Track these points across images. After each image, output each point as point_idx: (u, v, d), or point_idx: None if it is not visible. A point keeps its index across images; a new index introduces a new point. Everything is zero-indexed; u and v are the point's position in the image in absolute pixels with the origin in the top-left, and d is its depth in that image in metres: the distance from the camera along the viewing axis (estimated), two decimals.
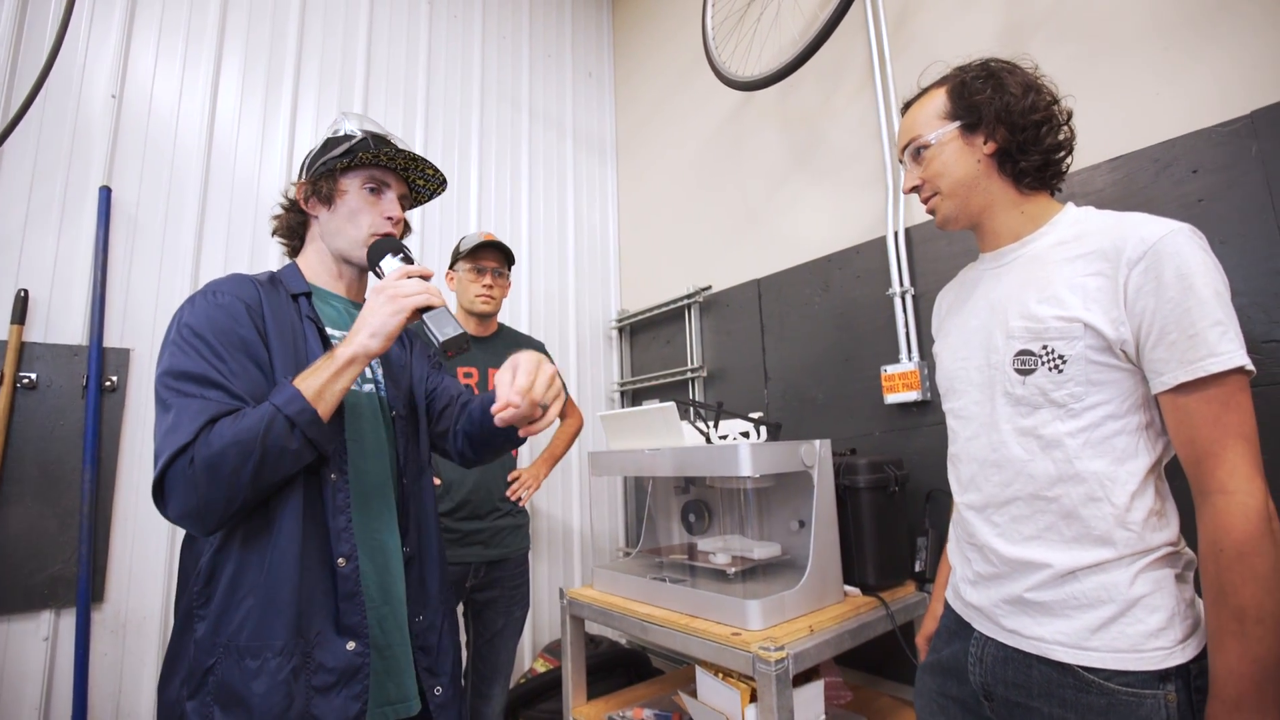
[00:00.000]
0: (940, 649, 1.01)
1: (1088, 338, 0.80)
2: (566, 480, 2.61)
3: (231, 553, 0.86)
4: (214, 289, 0.93)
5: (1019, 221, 0.94)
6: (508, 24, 2.77)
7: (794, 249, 2.12)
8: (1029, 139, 0.91)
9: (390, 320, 0.88)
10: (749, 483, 1.52)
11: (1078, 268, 0.83)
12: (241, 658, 0.82)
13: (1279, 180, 1.18)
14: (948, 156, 0.95)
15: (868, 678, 1.74)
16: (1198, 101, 1.29)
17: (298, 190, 1.07)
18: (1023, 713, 0.85)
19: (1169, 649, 0.75)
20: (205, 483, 0.79)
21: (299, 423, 0.83)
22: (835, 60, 2.02)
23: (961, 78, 0.96)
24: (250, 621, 0.83)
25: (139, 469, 1.72)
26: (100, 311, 1.69)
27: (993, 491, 0.90)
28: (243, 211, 1.99)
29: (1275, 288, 1.17)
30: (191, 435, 0.79)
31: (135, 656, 1.66)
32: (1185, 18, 1.32)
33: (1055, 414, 0.83)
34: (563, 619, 1.68)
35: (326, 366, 0.87)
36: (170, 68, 1.93)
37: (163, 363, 0.86)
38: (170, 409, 0.82)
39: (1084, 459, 0.81)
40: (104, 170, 1.77)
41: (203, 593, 0.85)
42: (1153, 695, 0.75)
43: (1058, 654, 0.81)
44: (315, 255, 1.08)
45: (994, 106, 0.91)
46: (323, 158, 1.04)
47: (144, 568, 1.69)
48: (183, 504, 0.79)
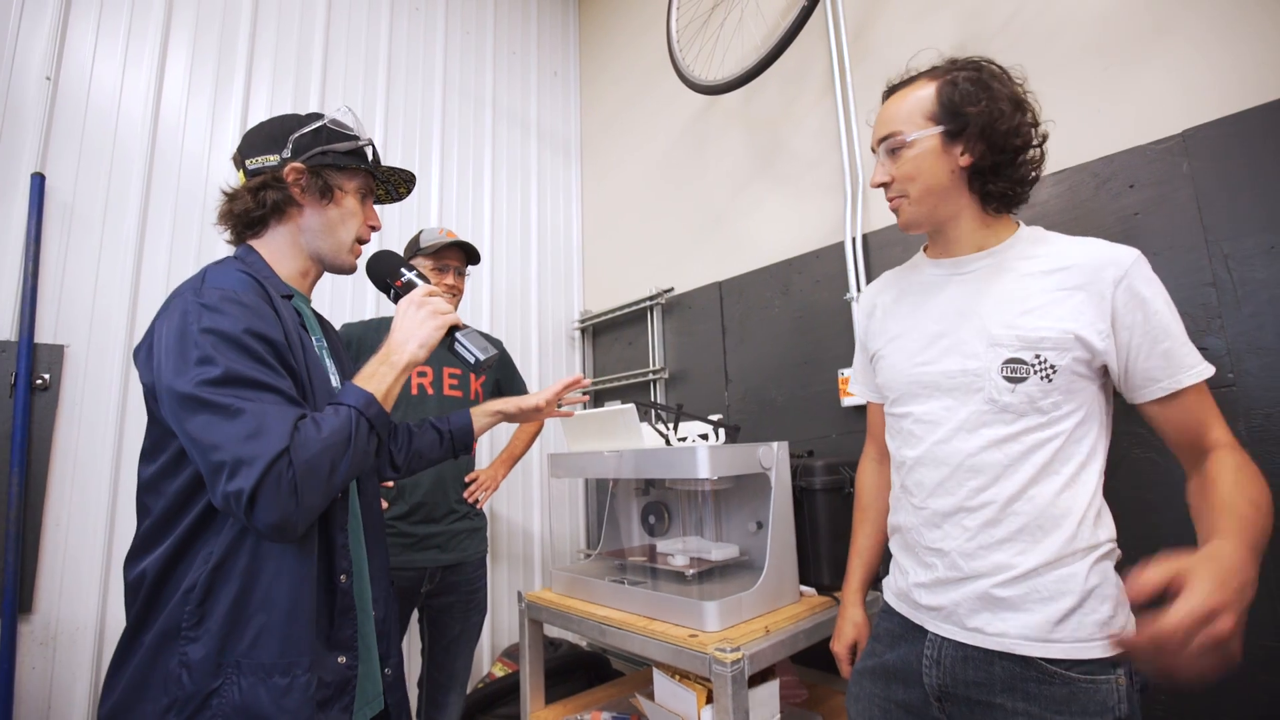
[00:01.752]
0: (882, 654, 1.02)
1: (1076, 349, 0.86)
2: (526, 482, 2.58)
3: (236, 568, 0.80)
4: (233, 294, 0.84)
5: (982, 235, 0.97)
6: (471, 20, 2.73)
7: (755, 252, 2.15)
8: (1005, 162, 0.92)
9: (435, 334, 0.94)
10: (707, 485, 1.53)
11: (1055, 281, 0.88)
12: (268, 675, 0.78)
13: (1207, 197, 1.25)
14: (923, 160, 0.93)
15: (823, 675, 1.77)
16: (1134, 120, 1.36)
17: (288, 171, 0.95)
18: (984, 710, 0.87)
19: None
20: (305, 488, 0.75)
21: (376, 425, 0.85)
22: (797, 68, 2.06)
23: (953, 78, 0.93)
24: (271, 638, 0.79)
25: (73, 472, 1.64)
26: (31, 305, 1.60)
27: (965, 497, 0.91)
28: (189, 203, 1.91)
29: (1203, 298, 1.23)
30: (286, 439, 0.75)
31: (66, 670, 1.58)
32: (1122, 39, 1.38)
33: (1038, 421, 0.87)
34: (521, 622, 1.67)
35: (387, 372, 0.89)
36: (111, 50, 1.84)
37: (195, 369, 0.77)
38: (241, 413, 0.75)
39: (1057, 462, 0.87)
40: (37, 156, 1.67)
41: (195, 611, 0.78)
42: (1107, 680, 0.80)
43: (1021, 648, 0.84)
44: (286, 249, 0.99)
45: (981, 120, 0.90)
46: (322, 146, 0.97)
47: (76, 577, 1.61)
48: (279, 511, 0.74)
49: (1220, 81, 1.25)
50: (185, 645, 0.78)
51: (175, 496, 0.82)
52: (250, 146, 0.98)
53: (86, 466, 1.66)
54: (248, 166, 0.97)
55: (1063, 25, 1.48)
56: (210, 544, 0.81)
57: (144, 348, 0.86)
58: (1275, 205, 1.17)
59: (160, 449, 0.85)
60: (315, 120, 0.99)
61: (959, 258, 0.98)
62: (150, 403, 0.86)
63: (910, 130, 0.94)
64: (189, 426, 0.76)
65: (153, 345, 0.84)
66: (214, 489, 0.75)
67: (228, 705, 0.77)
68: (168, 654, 0.78)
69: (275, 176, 0.95)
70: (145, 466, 0.86)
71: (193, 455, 0.78)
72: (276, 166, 0.95)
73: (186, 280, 0.89)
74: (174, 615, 0.79)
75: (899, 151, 0.96)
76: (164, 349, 0.80)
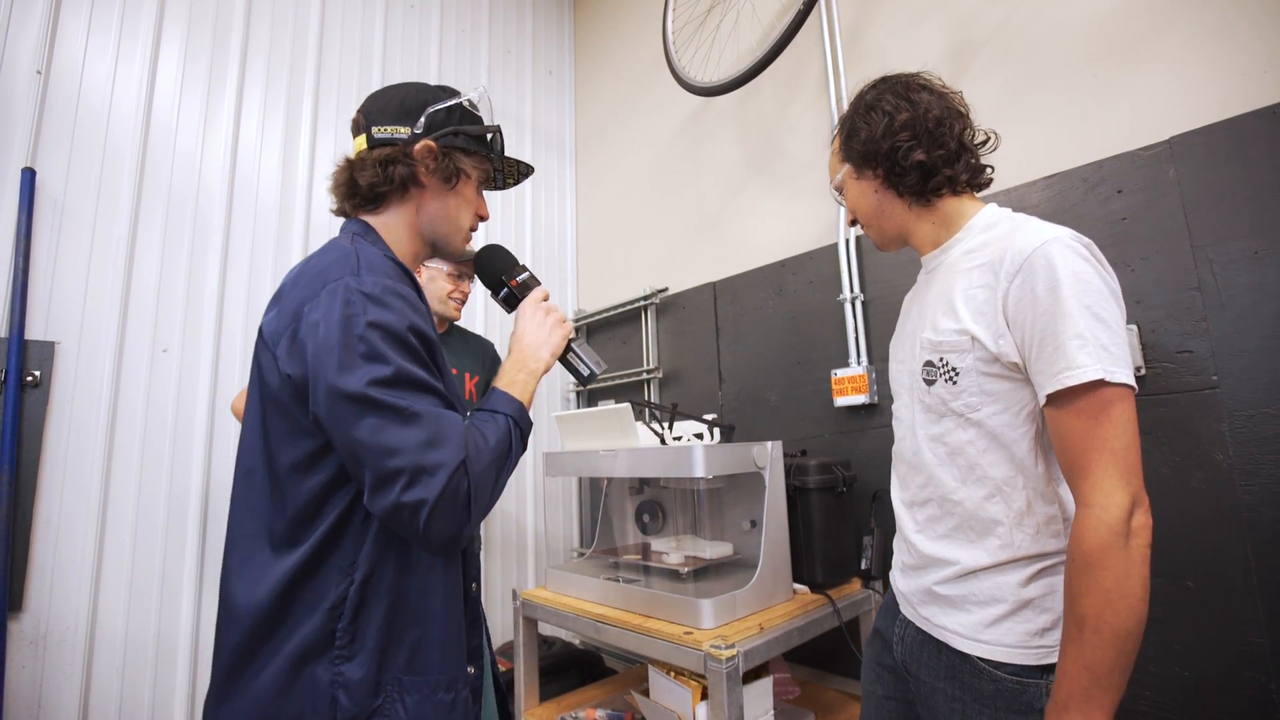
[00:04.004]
0: (880, 621, 1.08)
1: (976, 350, 0.83)
2: (520, 480, 2.58)
3: (384, 582, 0.76)
4: (394, 286, 0.77)
5: (933, 231, 0.98)
6: (466, 18, 2.73)
7: (749, 253, 2.16)
8: (897, 163, 0.94)
9: (561, 343, 0.94)
10: (702, 484, 1.54)
11: (973, 278, 0.86)
12: (433, 692, 0.76)
13: (1193, 202, 1.27)
14: (852, 196, 1.03)
15: (815, 673, 1.79)
16: (1122, 126, 1.38)
17: (420, 148, 0.86)
18: (929, 691, 0.91)
19: (1050, 648, 0.80)
20: (476, 500, 0.73)
21: (525, 434, 0.84)
22: (792, 70, 2.07)
23: (848, 115, 1.01)
24: (430, 653, 0.77)
25: (63, 469, 1.63)
26: (21, 301, 1.59)
27: (914, 491, 0.96)
28: (182, 199, 1.90)
29: (1189, 302, 1.26)
30: (464, 449, 0.72)
31: (57, 670, 1.56)
32: (1111, 46, 1.41)
33: (957, 423, 0.87)
34: (515, 620, 1.67)
35: (527, 380, 0.89)
36: (104, 44, 1.82)
37: (364, 367, 0.71)
38: (417, 418, 0.71)
39: (982, 466, 0.85)
40: (27, 151, 1.66)
41: (348, 629, 0.73)
42: (1034, 684, 0.81)
43: (956, 643, 0.87)
44: (404, 230, 0.90)
45: (862, 146, 0.96)
46: (455, 126, 0.89)
47: (67, 576, 1.60)
48: (456, 524, 0.70)
49: (1207, 89, 1.28)
50: (340, 664, 0.73)
51: (311, 498, 0.75)
52: (380, 113, 0.88)
53: (77, 464, 1.65)
54: (373, 134, 0.87)
55: (1053, 32, 1.50)
56: (347, 555, 0.75)
57: (285, 335, 0.76)
58: (1259, 211, 1.20)
59: (298, 443, 0.76)
60: (450, 96, 0.91)
61: (925, 257, 1.01)
62: (284, 393, 0.76)
63: (833, 176, 1.06)
64: (357, 429, 0.69)
65: (298, 332, 0.74)
66: (383, 496, 0.69)
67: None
68: (311, 673, 0.73)
69: (405, 152, 0.86)
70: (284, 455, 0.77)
71: (355, 458, 0.71)
72: (407, 141, 0.87)
73: (328, 257, 0.80)
74: (318, 632, 0.73)
75: (841, 194, 1.06)
76: (322, 340, 0.72)
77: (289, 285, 0.80)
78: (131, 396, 1.75)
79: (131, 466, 1.73)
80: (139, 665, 1.67)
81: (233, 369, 1.92)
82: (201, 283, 1.91)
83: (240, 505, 0.80)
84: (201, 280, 1.91)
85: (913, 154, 0.92)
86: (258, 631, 0.74)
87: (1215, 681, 1.18)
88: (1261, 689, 1.13)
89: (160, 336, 1.82)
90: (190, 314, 1.87)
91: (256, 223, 2.04)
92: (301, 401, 0.75)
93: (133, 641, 1.67)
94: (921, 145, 0.92)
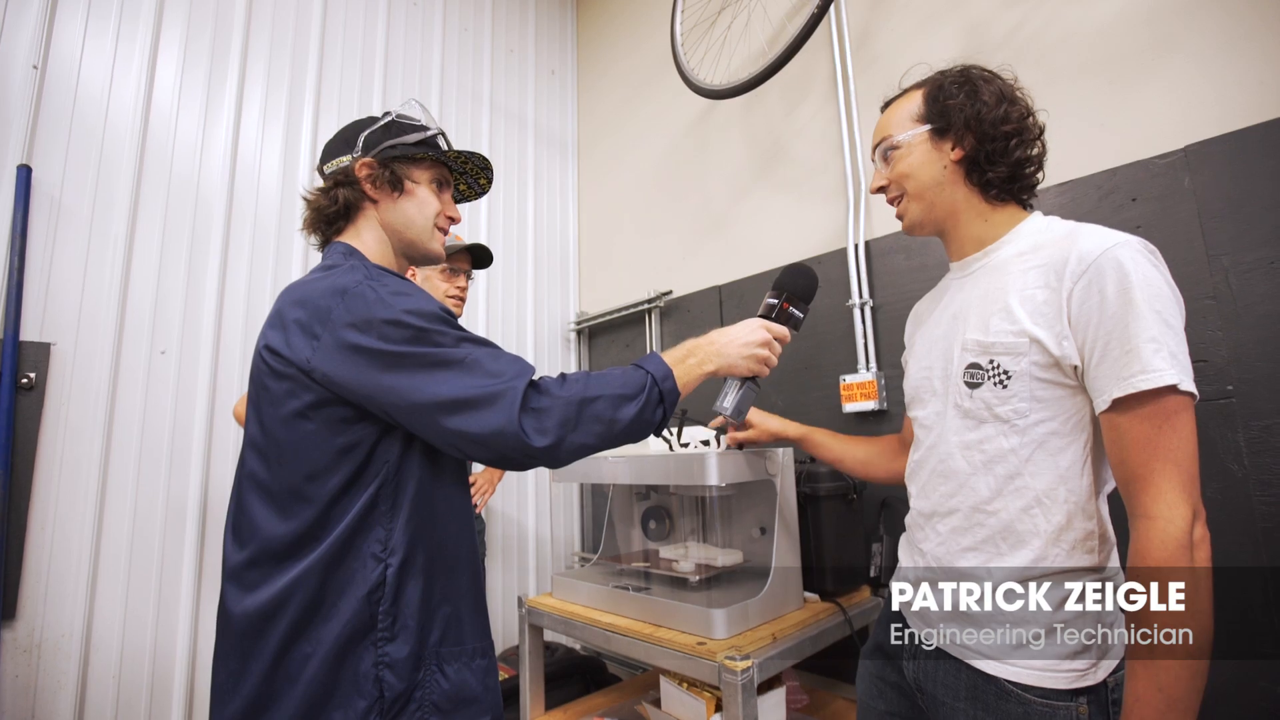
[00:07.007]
0: (880, 634, 1.04)
1: (1033, 353, 0.80)
2: (522, 485, 2.56)
3: (416, 564, 0.83)
4: (408, 283, 0.88)
5: (983, 229, 0.95)
6: (469, 18, 2.71)
7: (756, 257, 2.15)
8: (997, 150, 0.91)
9: (747, 370, 1.03)
10: (714, 491, 1.52)
11: (1030, 279, 0.83)
12: (471, 659, 0.85)
13: (1208, 211, 1.27)
14: (915, 159, 0.96)
15: (822, 680, 1.78)
16: (1138, 134, 1.38)
17: (358, 167, 0.96)
18: (947, 711, 0.87)
19: (1083, 670, 0.78)
20: (584, 421, 0.82)
21: (666, 399, 0.89)
22: (800, 74, 2.06)
23: (940, 81, 0.96)
24: (463, 625, 0.86)
25: (58, 474, 1.59)
26: (17, 301, 1.55)
27: (938, 501, 0.92)
28: (181, 199, 1.86)
29: (1204, 312, 1.26)
30: (529, 368, 0.85)
31: (51, 678, 1.53)
32: (1125, 55, 1.41)
33: (1000, 429, 0.84)
34: (521, 628, 1.65)
35: (692, 365, 0.96)
36: (102, 39, 1.78)
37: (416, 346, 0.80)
38: (497, 354, 0.84)
39: (1024, 476, 0.82)
40: (23, 148, 1.62)
41: (389, 612, 0.80)
42: (1065, 707, 0.78)
43: (980, 664, 0.83)
44: (376, 244, 0.98)
45: (965, 113, 0.91)
46: (391, 139, 0.97)
47: (62, 582, 1.56)
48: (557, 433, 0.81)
49: (1222, 99, 1.28)
50: (385, 646, 0.79)
51: (331, 495, 0.80)
52: (326, 154, 1.00)
53: (73, 468, 1.61)
54: (324, 170, 0.99)
55: (1065, 40, 1.50)
56: (373, 541, 0.81)
57: (325, 347, 0.80)
58: (1276, 221, 1.20)
59: (312, 451, 0.81)
60: (385, 117, 1.00)
61: (964, 259, 0.98)
62: (313, 401, 0.81)
63: (900, 132, 0.97)
64: (431, 384, 0.78)
65: (345, 340, 0.79)
66: (499, 414, 0.77)
67: (435, 694, 0.80)
68: (356, 658, 0.78)
69: (347, 174, 0.97)
70: (300, 465, 0.82)
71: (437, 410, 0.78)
72: (349, 165, 0.97)
73: (332, 274, 0.86)
74: (359, 618, 0.78)
75: (892, 154, 0.98)
76: (344, 329, 0.79)
77: (291, 304, 0.85)
78: (129, 399, 1.71)
79: (128, 471, 1.69)
80: (135, 674, 1.64)
81: (232, 371, 1.88)
82: (201, 283, 1.87)
83: (245, 515, 0.85)
84: (201, 281, 1.87)
85: (1017, 150, 0.91)
86: (293, 629, 0.78)
87: (1230, 693, 1.18)
88: (1276, 700, 1.13)
89: (158, 338, 1.78)
90: (189, 315, 1.84)
91: (257, 222, 2.00)
92: (340, 405, 0.81)
93: (129, 649, 1.64)
94: (1024, 145, 0.92)
